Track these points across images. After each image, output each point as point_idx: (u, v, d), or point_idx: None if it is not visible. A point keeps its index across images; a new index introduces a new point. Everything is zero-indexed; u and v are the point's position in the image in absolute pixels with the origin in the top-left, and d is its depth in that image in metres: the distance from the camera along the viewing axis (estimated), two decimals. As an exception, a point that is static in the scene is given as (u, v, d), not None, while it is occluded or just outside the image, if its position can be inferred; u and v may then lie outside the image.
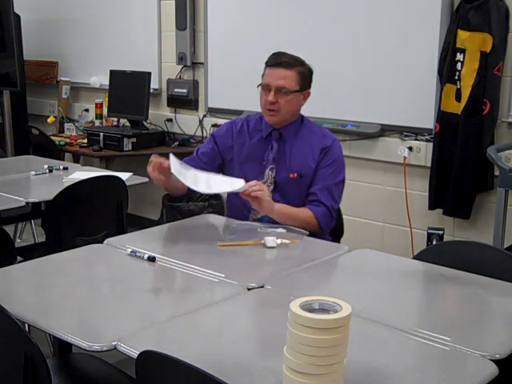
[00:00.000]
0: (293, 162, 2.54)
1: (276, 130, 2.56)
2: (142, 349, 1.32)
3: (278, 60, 2.48)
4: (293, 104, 2.51)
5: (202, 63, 4.60)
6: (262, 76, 2.54)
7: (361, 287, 1.90)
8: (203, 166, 2.57)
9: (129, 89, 4.76)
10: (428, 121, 3.57)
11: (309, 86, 2.55)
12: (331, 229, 2.61)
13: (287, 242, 2.21)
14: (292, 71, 2.47)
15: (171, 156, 2.32)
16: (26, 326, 1.68)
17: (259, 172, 2.55)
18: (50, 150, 4.43)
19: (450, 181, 3.44)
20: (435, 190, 3.52)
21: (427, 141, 3.61)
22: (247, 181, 2.43)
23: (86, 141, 4.71)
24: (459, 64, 3.35)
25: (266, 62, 2.52)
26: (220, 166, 2.63)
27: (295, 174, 2.53)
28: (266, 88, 2.48)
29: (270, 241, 2.18)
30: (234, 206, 2.61)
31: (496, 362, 1.40)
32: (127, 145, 4.51)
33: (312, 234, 2.38)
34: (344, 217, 2.86)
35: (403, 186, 3.71)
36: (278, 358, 1.29)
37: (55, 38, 5.54)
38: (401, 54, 3.65)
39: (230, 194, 2.65)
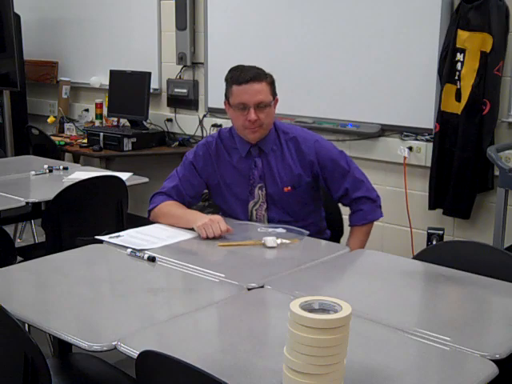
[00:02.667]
0: (281, 174, 2.46)
1: (254, 145, 2.46)
2: (142, 349, 1.32)
3: (247, 75, 2.35)
4: (272, 115, 2.42)
5: (202, 63, 4.60)
6: (227, 95, 2.42)
7: (361, 287, 1.90)
8: (190, 200, 2.50)
9: (129, 89, 4.76)
10: (428, 121, 3.57)
11: (276, 93, 2.45)
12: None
13: (287, 241, 2.21)
14: (263, 83, 2.36)
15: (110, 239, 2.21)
16: (26, 326, 1.68)
17: (248, 192, 2.49)
18: (50, 150, 4.43)
19: (450, 181, 3.44)
20: (435, 190, 3.52)
21: (427, 141, 3.61)
22: (240, 201, 2.46)
23: (85, 141, 4.71)
24: (459, 64, 3.35)
25: (230, 80, 2.40)
26: (205, 193, 2.59)
27: (289, 187, 2.46)
28: (242, 107, 2.35)
29: (270, 241, 2.18)
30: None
31: (496, 361, 1.40)
32: (127, 145, 4.51)
33: (313, 233, 2.38)
34: (344, 217, 2.86)
35: (403, 186, 3.71)
36: (278, 358, 1.29)
37: (55, 38, 5.54)
38: (401, 54, 3.65)
39: (224, 209, 2.61)
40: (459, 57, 3.35)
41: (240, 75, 2.36)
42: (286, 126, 2.54)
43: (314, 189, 2.53)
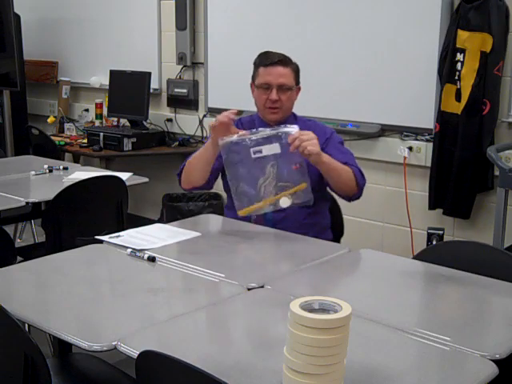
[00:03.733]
0: (293, 154, 2.54)
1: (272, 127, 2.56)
2: (142, 349, 1.32)
3: (274, 59, 2.51)
4: (292, 100, 2.57)
5: (202, 63, 4.60)
6: (253, 77, 2.56)
7: (361, 287, 1.90)
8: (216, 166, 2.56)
9: (129, 89, 4.76)
10: (428, 121, 3.57)
11: (299, 82, 2.60)
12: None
13: (299, 200, 2.24)
14: (288, 68, 2.52)
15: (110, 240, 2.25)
16: (26, 326, 1.67)
17: (259, 168, 2.55)
18: (50, 149, 4.43)
19: (450, 181, 3.44)
20: (435, 190, 3.52)
21: (427, 141, 3.61)
22: (250, 177, 2.45)
23: (85, 141, 4.71)
24: (459, 64, 3.35)
25: (258, 63, 2.54)
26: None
27: (297, 165, 2.52)
28: (265, 87, 2.50)
29: (283, 201, 2.23)
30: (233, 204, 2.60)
31: (496, 361, 1.40)
32: (127, 145, 4.51)
33: (315, 226, 2.38)
34: (344, 217, 2.86)
35: (403, 186, 3.71)
36: (278, 358, 1.29)
37: (55, 38, 5.54)
38: (401, 54, 3.65)
39: (228, 193, 2.63)
40: (459, 57, 3.35)
41: (267, 58, 2.53)
42: (306, 119, 2.67)
43: (319, 177, 2.55)
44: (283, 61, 2.52)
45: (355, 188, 2.49)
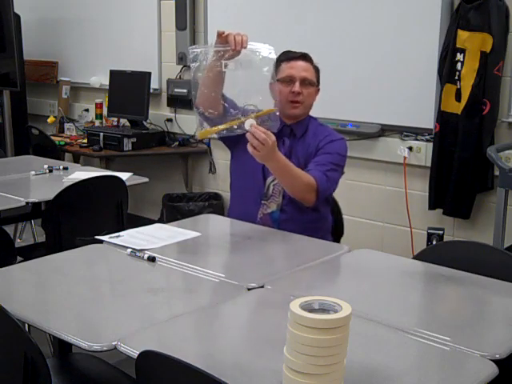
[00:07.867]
0: (301, 159, 2.53)
1: (287, 126, 2.55)
2: (142, 349, 1.32)
3: (297, 54, 2.54)
4: (313, 97, 2.57)
5: (202, 63, 4.59)
6: (275, 73, 2.49)
7: (361, 287, 1.90)
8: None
9: (129, 89, 4.76)
10: (428, 121, 3.57)
11: (319, 83, 2.62)
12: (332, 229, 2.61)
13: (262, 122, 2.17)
14: (310, 65, 2.55)
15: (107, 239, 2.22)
16: (26, 326, 1.67)
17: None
18: (50, 150, 4.43)
19: (450, 181, 3.44)
20: (435, 190, 3.52)
21: (427, 141, 3.61)
22: (257, 174, 2.47)
23: (85, 141, 4.71)
24: (459, 64, 3.35)
25: (280, 59, 2.53)
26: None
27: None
28: (288, 80, 2.50)
29: (249, 123, 2.14)
30: (240, 201, 2.59)
31: (496, 361, 1.40)
32: (127, 145, 4.51)
33: (316, 228, 2.38)
34: (344, 217, 2.86)
35: (403, 186, 3.71)
36: (278, 358, 1.29)
37: (55, 38, 5.54)
38: (401, 54, 3.65)
39: (235, 189, 2.63)
40: (459, 57, 3.35)
41: (290, 53, 2.56)
42: (320, 123, 2.64)
43: None
44: (305, 56, 2.54)
45: (314, 195, 2.37)
